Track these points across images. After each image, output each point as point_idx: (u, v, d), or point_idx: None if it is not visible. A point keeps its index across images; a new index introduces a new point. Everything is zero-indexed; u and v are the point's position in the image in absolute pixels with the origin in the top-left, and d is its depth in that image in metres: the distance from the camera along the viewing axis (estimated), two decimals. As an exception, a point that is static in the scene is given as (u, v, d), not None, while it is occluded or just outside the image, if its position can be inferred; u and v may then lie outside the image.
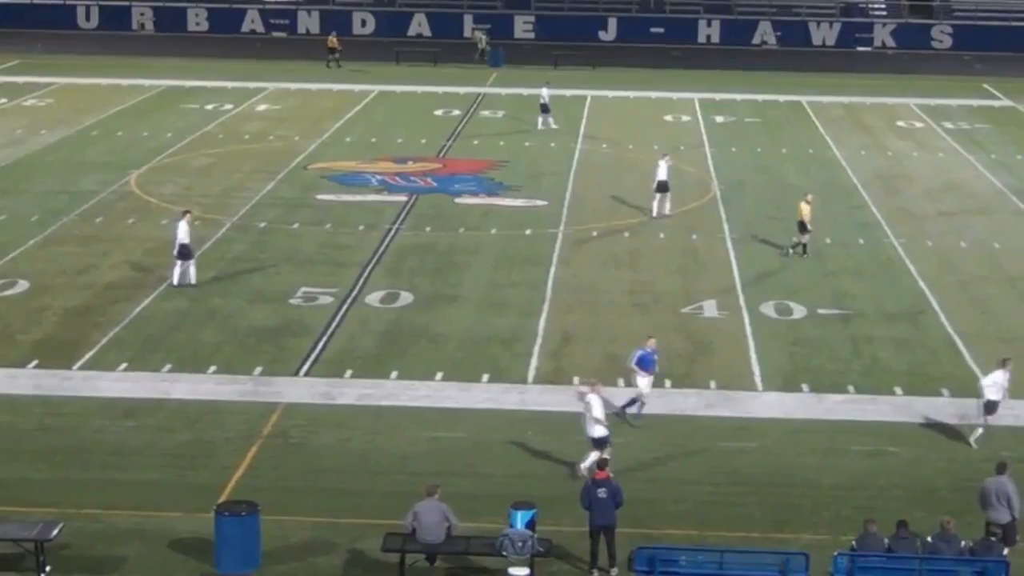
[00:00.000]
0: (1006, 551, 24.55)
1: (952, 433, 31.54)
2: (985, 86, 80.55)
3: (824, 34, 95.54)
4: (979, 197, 53.54)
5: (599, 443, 28.85)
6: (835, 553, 24.02)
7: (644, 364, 31.71)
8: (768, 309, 39.52)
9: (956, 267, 44.13)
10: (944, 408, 32.86)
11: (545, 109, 64.96)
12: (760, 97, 74.22)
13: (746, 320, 38.62)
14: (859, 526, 24.68)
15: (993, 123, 69.53)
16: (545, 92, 65.69)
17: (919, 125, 68.49)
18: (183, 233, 40.42)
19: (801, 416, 32.08)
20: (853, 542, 24.39)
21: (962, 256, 45.31)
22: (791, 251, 44.66)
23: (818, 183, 54.71)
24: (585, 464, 28.83)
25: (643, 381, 31.65)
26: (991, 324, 38.80)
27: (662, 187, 49.20)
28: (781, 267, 43.61)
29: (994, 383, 30.88)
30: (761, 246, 45.80)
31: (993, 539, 24.70)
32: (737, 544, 25.64)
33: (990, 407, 30.69)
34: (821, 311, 39.45)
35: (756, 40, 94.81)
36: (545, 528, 25.12)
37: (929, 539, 24.31)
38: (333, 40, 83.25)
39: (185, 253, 40.49)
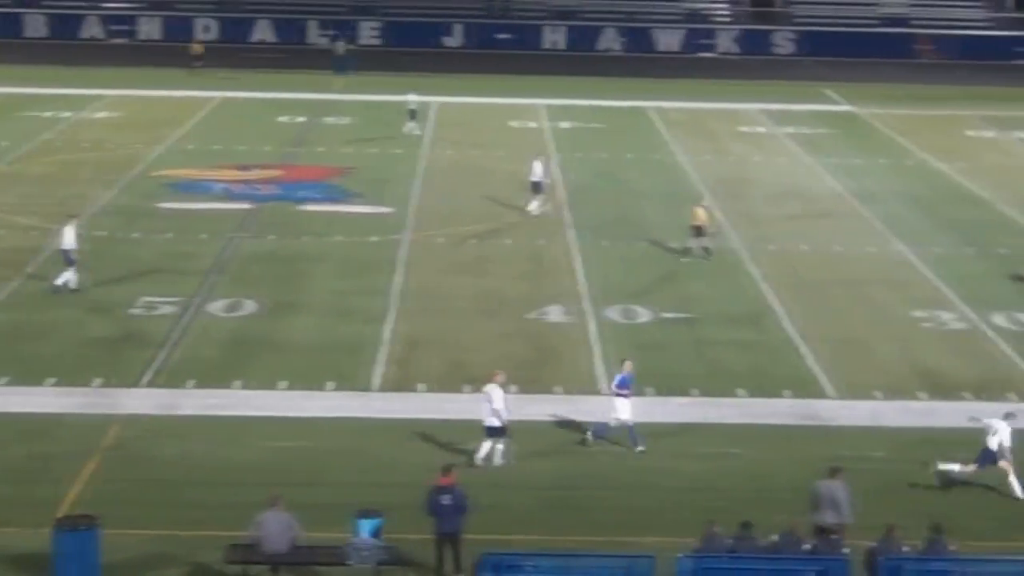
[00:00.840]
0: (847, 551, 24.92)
1: (794, 434, 31.96)
2: (826, 91, 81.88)
3: (668, 40, 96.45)
4: (820, 200, 54.39)
5: (494, 433, 29.24)
6: (679, 555, 24.19)
7: (624, 387, 31.11)
8: (613, 313, 39.78)
9: (797, 270, 44.78)
10: (786, 409, 33.30)
11: (412, 115, 64.80)
12: (605, 103, 74.70)
13: (591, 325, 38.83)
14: (703, 528, 24.89)
15: (834, 128, 70.72)
16: (412, 98, 65.62)
17: (762, 130, 69.45)
18: (69, 239, 39.85)
19: (646, 419, 32.26)
20: (697, 544, 24.60)
21: (803, 259, 45.98)
22: (693, 255, 45.16)
23: (662, 188, 55.29)
24: (480, 455, 29.30)
25: (623, 404, 31.07)
26: (831, 326, 39.39)
27: (535, 188, 49.74)
28: (626, 272, 43.94)
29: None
30: (607, 251, 46.11)
31: (835, 538, 25.07)
32: (583, 548, 25.74)
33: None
34: (665, 315, 39.80)
35: (602, 46, 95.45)
36: (391, 536, 25.01)
37: (775, 538, 24.61)
38: (198, 47, 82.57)
39: (69, 259, 39.90)
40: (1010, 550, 25.16)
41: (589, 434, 31.08)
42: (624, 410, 30.90)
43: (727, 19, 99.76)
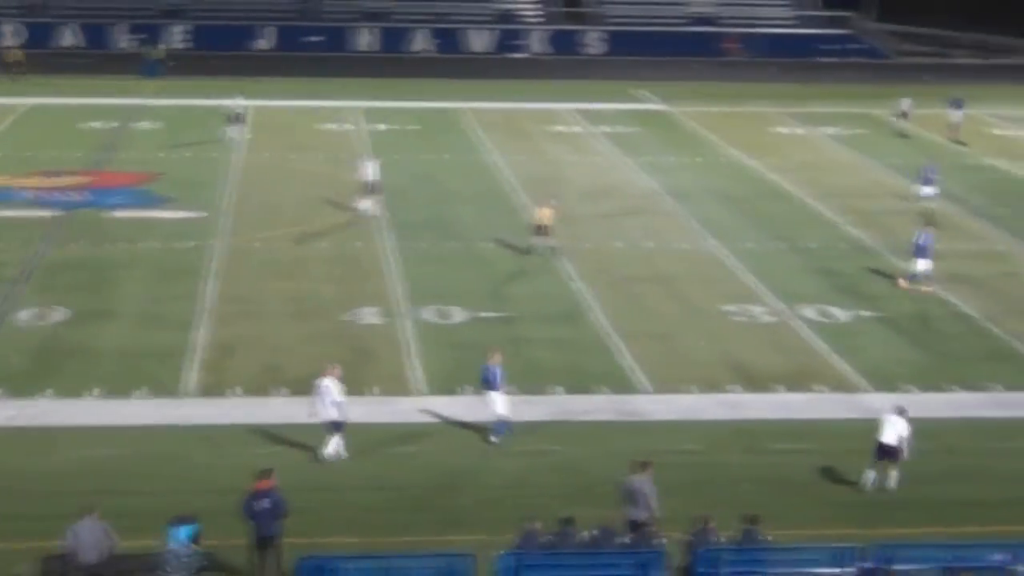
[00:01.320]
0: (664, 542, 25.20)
1: (610, 429, 32.25)
2: (638, 90, 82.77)
3: (480, 41, 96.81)
4: (634, 198, 54.97)
5: (337, 427, 29.53)
6: (499, 553, 24.26)
7: (491, 380, 31.24)
8: (429, 314, 39.78)
9: (612, 267, 45.20)
10: (602, 405, 33.60)
11: (235, 119, 63.83)
12: (420, 104, 74.72)
13: (407, 326, 38.80)
14: (519, 525, 24.98)
15: (646, 126, 71.51)
16: (239, 102, 64.79)
17: (575, 130, 69.98)
18: None
19: (464, 418, 32.34)
20: (516, 541, 24.69)
21: (618, 256, 46.42)
22: (537, 253, 45.57)
23: (479, 188, 55.45)
24: (328, 450, 29.55)
25: (497, 397, 31.18)
26: (646, 322, 39.83)
27: (369, 188, 49.65)
28: (443, 272, 43.98)
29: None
30: (423, 252, 46.10)
31: (648, 531, 25.33)
32: (403, 549, 25.70)
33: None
34: (482, 314, 39.90)
35: (414, 48, 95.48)
36: (208, 542, 24.70)
37: (593, 533, 24.80)
38: (16, 53, 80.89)
39: None
40: (824, 538, 25.62)
41: (493, 437, 31.14)
42: (498, 403, 31.14)
43: (538, 20, 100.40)
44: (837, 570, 24.10)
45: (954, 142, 67.63)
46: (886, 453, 28.93)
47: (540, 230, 46.05)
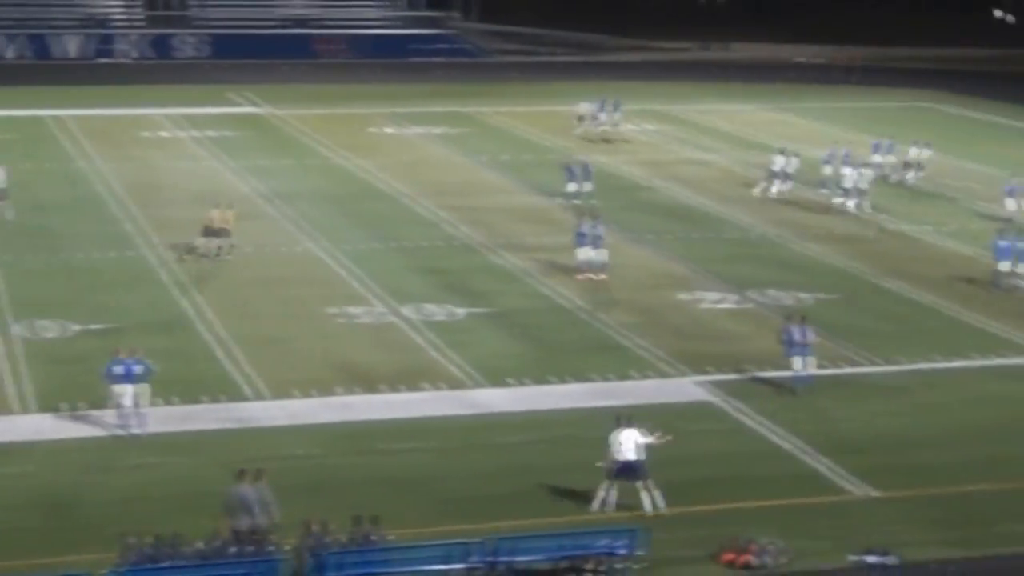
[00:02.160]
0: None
1: (220, 438, 31.83)
2: (233, 94, 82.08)
3: (68, 46, 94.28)
4: (237, 203, 54.35)
5: None
6: (105, 571, 23.70)
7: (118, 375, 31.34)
8: (30, 328, 38.55)
9: (218, 272, 44.70)
10: (210, 414, 33.15)
11: None
12: (9, 112, 72.20)
13: (7, 340, 37.52)
14: (132, 541, 24.40)
15: (243, 130, 70.97)
16: None
17: (172, 134, 68.91)
18: None
19: (71, 435, 31.41)
20: (120, 558, 24.13)
21: (223, 261, 45.89)
22: (199, 253, 45.51)
23: (74, 197, 54.03)
24: None
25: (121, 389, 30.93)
26: (251, 327, 39.52)
27: None
28: (43, 285, 42.68)
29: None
30: (22, 264, 44.65)
31: (259, 539, 25.11)
32: (21, 570, 24.84)
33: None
34: (81, 327, 38.87)
35: (8, 55, 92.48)
36: None
37: (200, 545, 24.46)
38: None
39: None
40: (440, 535, 25.92)
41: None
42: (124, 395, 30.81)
43: (126, 23, 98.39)
44: (455, 566, 24.46)
45: (603, 141, 69.25)
46: (631, 471, 27.98)
47: (210, 232, 45.65)
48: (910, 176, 59.77)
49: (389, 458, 30.89)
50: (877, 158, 59.88)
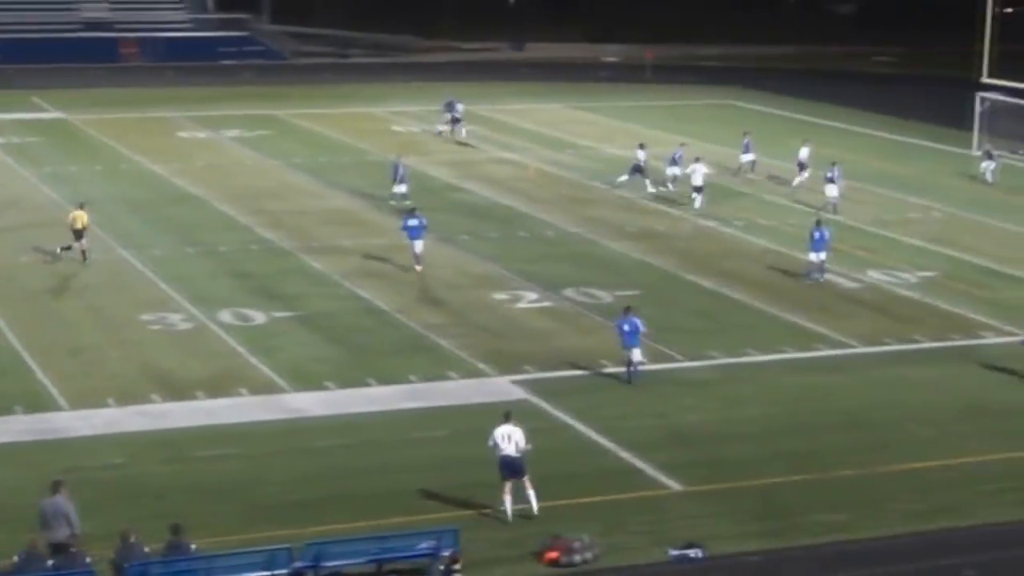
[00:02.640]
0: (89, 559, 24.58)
1: (31, 450, 31.15)
2: (34, 99, 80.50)
3: None
4: (38, 210, 53.40)
5: None
6: None
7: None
8: None
9: (21, 282, 43.76)
10: (20, 426, 32.42)
11: None
12: None
13: None
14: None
15: (45, 136, 69.69)
16: None
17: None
18: None
19: None
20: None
21: (25, 270, 44.99)
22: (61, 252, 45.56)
23: None
24: None
25: None
26: (60, 336, 38.75)
27: None
28: None
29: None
30: None
31: (73, 551, 24.61)
32: None
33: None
34: None
35: None
36: None
37: (15, 559, 23.94)
38: None
39: None
40: (256, 542, 25.66)
41: None
42: None
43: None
44: (271, 572, 24.20)
45: (459, 144, 69.01)
46: (514, 469, 27.71)
47: (78, 234, 45.62)
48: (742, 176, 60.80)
49: (204, 465, 30.49)
50: (675, 170, 60.17)
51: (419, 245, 45.61)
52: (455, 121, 70.56)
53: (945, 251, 49.70)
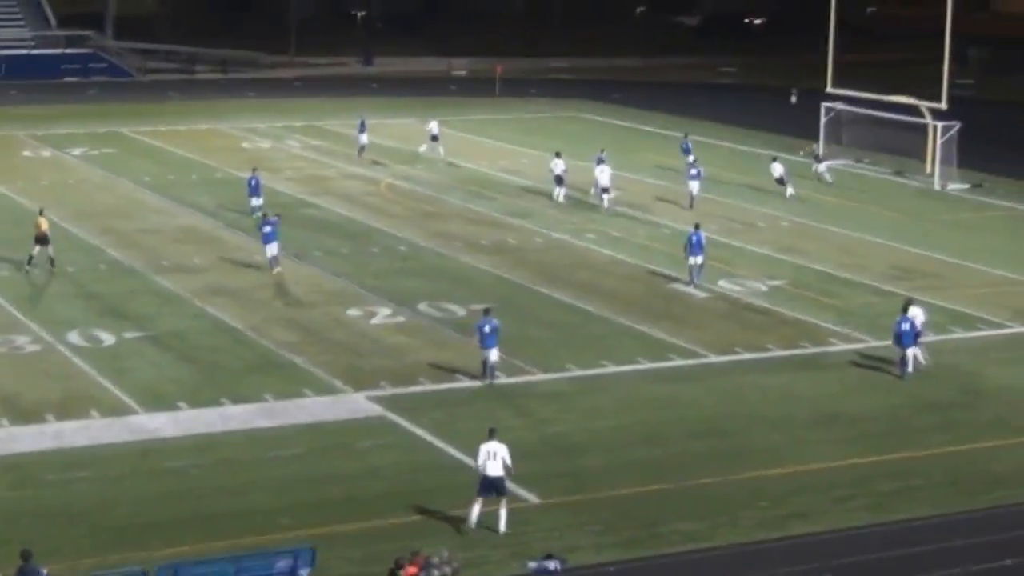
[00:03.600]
0: None
1: None
2: None
3: None
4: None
5: None
6: None
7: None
8: None
9: None
10: None
11: None
12: None
13: None
14: None
15: None
16: None
17: None
18: None
19: None
20: None
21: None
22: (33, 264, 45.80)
23: None
24: None
25: None
26: (-97, 361, 37.92)
27: None
28: None
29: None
30: None
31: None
32: None
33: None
34: None
35: None
36: None
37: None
38: None
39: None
40: (109, 564, 25.25)
41: None
42: None
43: None
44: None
45: (373, 162, 68.35)
46: (494, 489, 27.86)
47: (41, 240, 46.41)
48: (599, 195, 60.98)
49: (54, 489, 29.92)
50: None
51: (274, 248, 46.30)
52: (434, 139, 69.80)
53: (793, 259, 50.41)
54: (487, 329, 36.15)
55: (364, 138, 70.10)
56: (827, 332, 41.75)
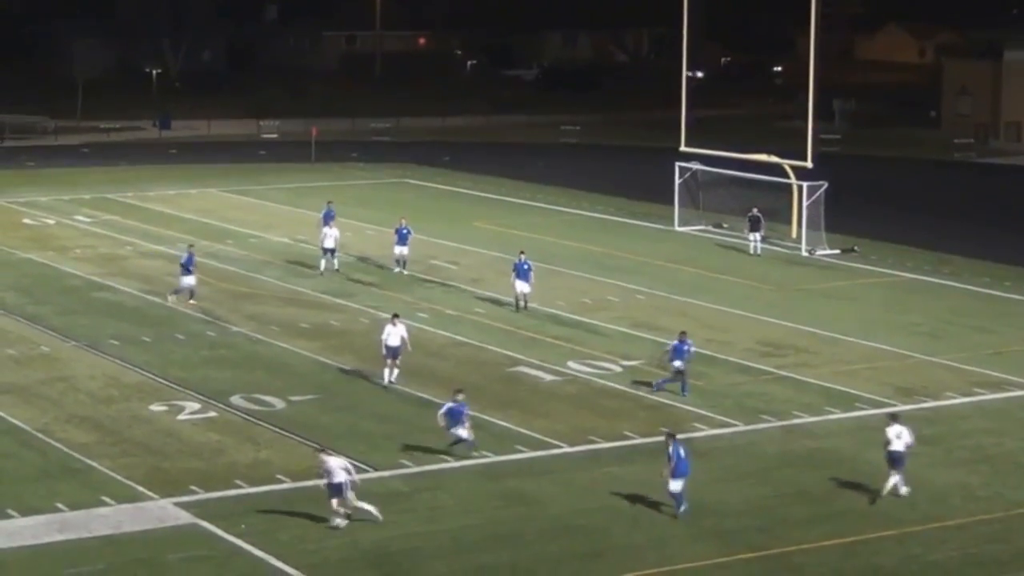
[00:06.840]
0: None
1: None
2: None
3: None
4: None
5: None
6: None
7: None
8: None
9: None
10: None
11: None
12: None
13: None
14: None
15: None
16: None
17: None
18: None
19: None
20: None
21: None
22: None
23: None
24: None
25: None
26: None
27: None
28: None
29: None
30: None
31: None
32: None
33: None
34: None
35: None
36: None
37: None
38: None
39: None
40: None
41: None
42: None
43: None
44: None
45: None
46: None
47: None
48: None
49: None
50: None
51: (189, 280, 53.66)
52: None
53: (651, 336, 50.81)
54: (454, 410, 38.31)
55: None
56: (690, 415, 42.19)
